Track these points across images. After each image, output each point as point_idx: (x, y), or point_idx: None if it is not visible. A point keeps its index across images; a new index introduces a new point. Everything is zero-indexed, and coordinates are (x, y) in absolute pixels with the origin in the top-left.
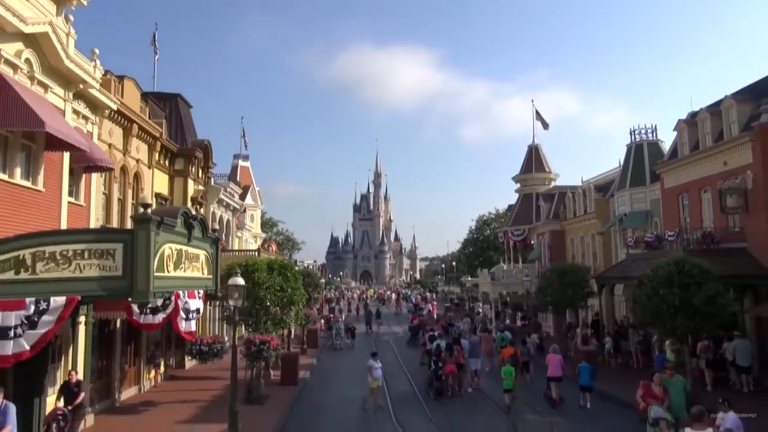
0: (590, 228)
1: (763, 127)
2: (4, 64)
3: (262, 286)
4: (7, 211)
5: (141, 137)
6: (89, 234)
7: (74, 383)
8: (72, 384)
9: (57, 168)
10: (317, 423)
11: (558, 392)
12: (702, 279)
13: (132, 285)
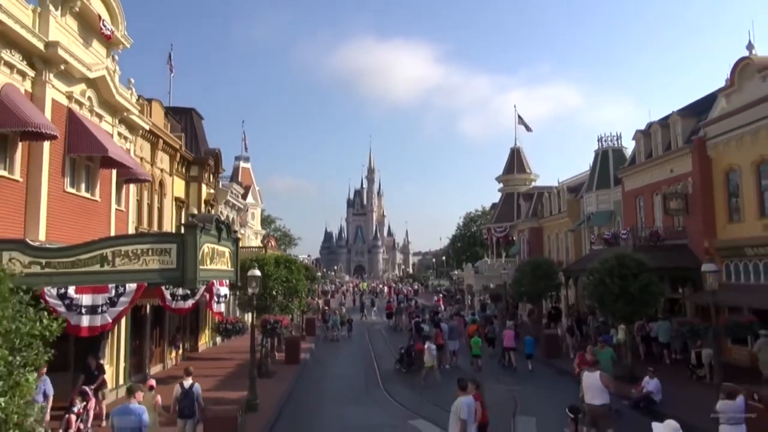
0: (563, 226)
1: (701, 140)
2: (74, 103)
3: (271, 278)
4: (77, 217)
5: (165, 150)
6: (152, 237)
7: (94, 367)
8: (92, 368)
9: (108, 182)
10: (319, 392)
11: (510, 358)
12: (638, 271)
13: (183, 275)
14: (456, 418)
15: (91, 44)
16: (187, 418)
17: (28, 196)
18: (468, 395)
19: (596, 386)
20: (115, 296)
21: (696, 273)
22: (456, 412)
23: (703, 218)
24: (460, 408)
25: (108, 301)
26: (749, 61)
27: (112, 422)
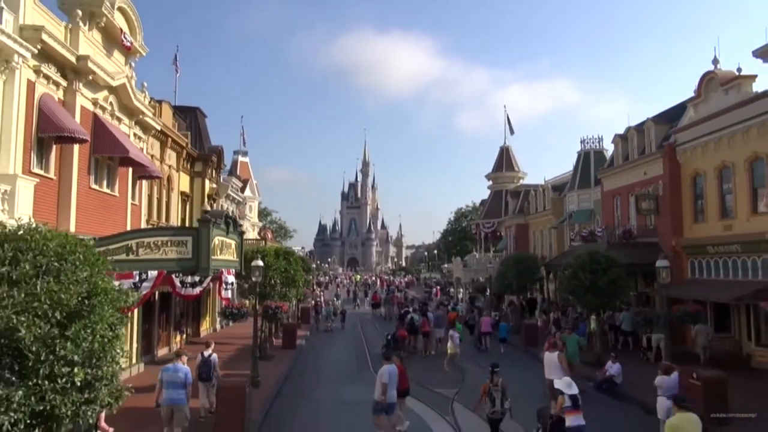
0: (548, 222)
1: (671, 146)
2: (98, 108)
3: (271, 268)
4: (99, 210)
5: (172, 147)
6: (171, 230)
7: None
8: None
9: (125, 178)
10: (314, 373)
11: (486, 342)
12: (608, 266)
13: (198, 264)
14: (379, 383)
15: (112, 54)
16: (206, 381)
17: (60, 193)
18: (392, 364)
19: (554, 364)
20: (139, 282)
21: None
22: (380, 377)
23: (672, 218)
24: (383, 374)
25: (132, 286)
26: (714, 75)
27: (162, 377)
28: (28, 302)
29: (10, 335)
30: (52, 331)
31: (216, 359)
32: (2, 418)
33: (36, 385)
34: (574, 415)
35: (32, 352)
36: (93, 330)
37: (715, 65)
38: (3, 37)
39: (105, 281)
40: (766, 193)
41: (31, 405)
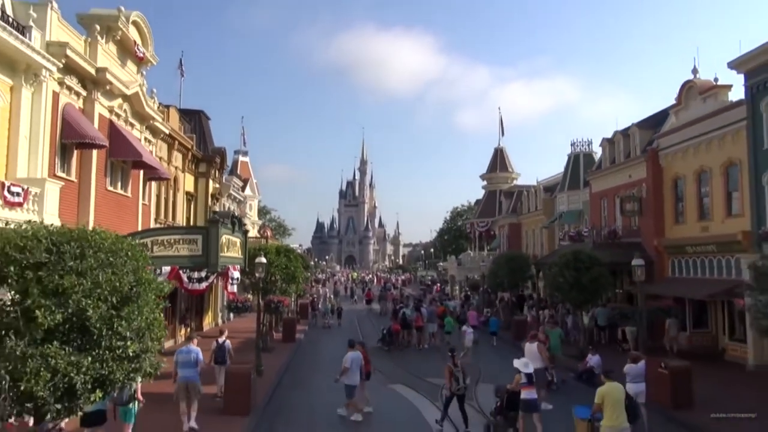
0: (539, 222)
1: (654, 150)
2: (113, 115)
3: (272, 265)
4: (114, 210)
5: (179, 149)
6: (182, 229)
7: None
8: None
9: (137, 180)
10: (313, 363)
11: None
12: (591, 265)
13: (207, 260)
14: (342, 366)
15: (126, 64)
16: (220, 364)
17: (80, 194)
18: (356, 351)
19: (534, 354)
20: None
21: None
22: (344, 362)
23: (654, 220)
24: (346, 359)
25: None
26: (693, 84)
27: (177, 358)
28: (92, 289)
29: (80, 315)
30: (110, 312)
31: (229, 345)
32: (76, 378)
33: (98, 355)
34: (528, 390)
35: (96, 329)
36: (140, 312)
37: (695, 74)
38: (32, 53)
39: (147, 273)
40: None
41: (96, 369)
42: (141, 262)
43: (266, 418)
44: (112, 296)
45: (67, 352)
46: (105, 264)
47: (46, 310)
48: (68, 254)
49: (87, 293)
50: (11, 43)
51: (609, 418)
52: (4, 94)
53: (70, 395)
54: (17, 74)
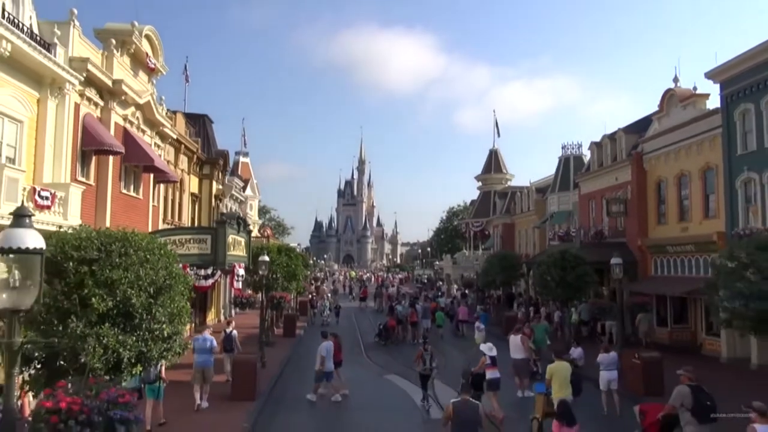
0: (531, 222)
1: (638, 154)
2: (127, 122)
3: (274, 263)
4: (127, 211)
5: (185, 153)
6: (193, 229)
7: None
8: None
9: (147, 183)
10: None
11: (462, 329)
12: (575, 264)
13: (216, 258)
14: (319, 356)
15: (138, 74)
16: (228, 352)
17: (98, 197)
18: (329, 342)
19: (517, 345)
20: None
21: (632, 266)
22: (319, 352)
23: (638, 220)
24: (321, 349)
25: None
26: (674, 92)
27: (194, 345)
28: (135, 281)
29: (125, 302)
30: (149, 300)
31: (236, 334)
32: (123, 353)
33: (140, 335)
34: (492, 370)
35: (138, 314)
36: (172, 300)
37: (676, 83)
38: (57, 68)
39: (176, 268)
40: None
41: (138, 347)
42: (171, 258)
43: (270, 404)
44: (150, 287)
45: (116, 333)
46: (143, 260)
47: (99, 298)
48: (114, 252)
49: (131, 284)
50: (39, 60)
51: (557, 390)
52: (32, 106)
53: (117, 368)
54: (43, 87)
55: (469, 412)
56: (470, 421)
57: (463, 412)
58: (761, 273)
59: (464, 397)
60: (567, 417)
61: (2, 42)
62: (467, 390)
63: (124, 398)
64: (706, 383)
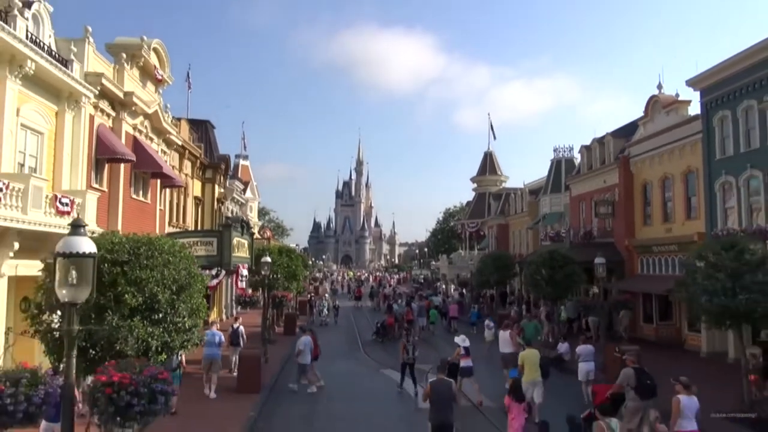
0: (525, 223)
1: (625, 158)
2: (136, 131)
3: (275, 264)
4: (137, 215)
5: (189, 158)
6: (200, 233)
7: None
8: None
9: (155, 188)
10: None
11: (453, 325)
12: (564, 263)
13: (221, 259)
14: (297, 349)
15: (146, 85)
16: (235, 346)
17: (110, 202)
18: (307, 336)
19: (506, 340)
20: None
21: (619, 265)
22: (297, 345)
23: (625, 222)
24: (299, 343)
25: None
26: (657, 99)
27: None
28: (160, 280)
29: (152, 298)
30: (172, 297)
31: (242, 329)
32: (151, 342)
33: (165, 327)
34: (465, 359)
35: (163, 309)
36: (191, 297)
37: (659, 90)
38: (75, 83)
39: (194, 268)
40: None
41: (163, 337)
42: (189, 260)
43: (273, 396)
44: (173, 285)
45: (144, 325)
46: (167, 262)
47: (130, 294)
48: (142, 255)
49: (157, 283)
50: (58, 76)
51: (527, 374)
52: (51, 119)
53: (145, 355)
54: (61, 101)
55: (444, 389)
56: (445, 395)
57: (439, 389)
58: (725, 271)
59: (440, 377)
60: (516, 393)
61: (27, 62)
62: (442, 371)
63: (162, 375)
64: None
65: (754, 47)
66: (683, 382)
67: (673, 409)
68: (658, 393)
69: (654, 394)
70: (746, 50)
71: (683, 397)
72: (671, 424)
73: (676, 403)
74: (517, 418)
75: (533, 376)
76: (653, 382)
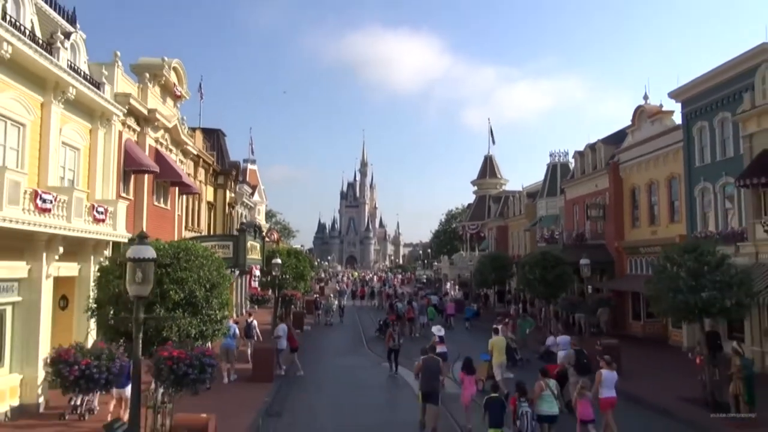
0: (523, 225)
1: (614, 164)
2: (157, 143)
3: (284, 265)
4: (158, 221)
5: (202, 165)
6: (218, 237)
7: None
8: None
9: (173, 195)
10: (320, 348)
11: (450, 321)
12: (555, 264)
13: (237, 261)
14: (275, 336)
15: (166, 101)
16: (249, 338)
17: (135, 209)
18: (284, 324)
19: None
20: None
21: (609, 266)
22: (276, 332)
23: (615, 224)
24: (278, 330)
25: None
26: (643, 109)
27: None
28: (197, 279)
29: (191, 294)
30: (207, 293)
31: (256, 323)
32: (191, 330)
33: (201, 318)
34: (441, 346)
35: (199, 303)
36: (221, 294)
37: (645, 100)
38: (107, 104)
39: (223, 269)
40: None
41: (199, 327)
42: (218, 263)
43: (285, 386)
44: (207, 283)
45: (185, 316)
46: (201, 264)
47: (174, 291)
48: (182, 258)
49: (194, 281)
50: (93, 98)
51: (495, 357)
52: (86, 136)
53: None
54: (95, 120)
55: (433, 364)
56: (434, 369)
57: (428, 364)
58: (687, 272)
59: (430, 355)
60: (467, 367)
61: (69, 88)
62: (432, 351)
63: (208, 352)
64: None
65: (727, 64)
66: (606, 360)
67: (596, 380)
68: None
69: (589, 371)
70: (721, 66)
71: (605, 372)
72: (594, 391)
73: (599, 376)
74: (468, 388)
75: (500, 359)
76: (589, 361)
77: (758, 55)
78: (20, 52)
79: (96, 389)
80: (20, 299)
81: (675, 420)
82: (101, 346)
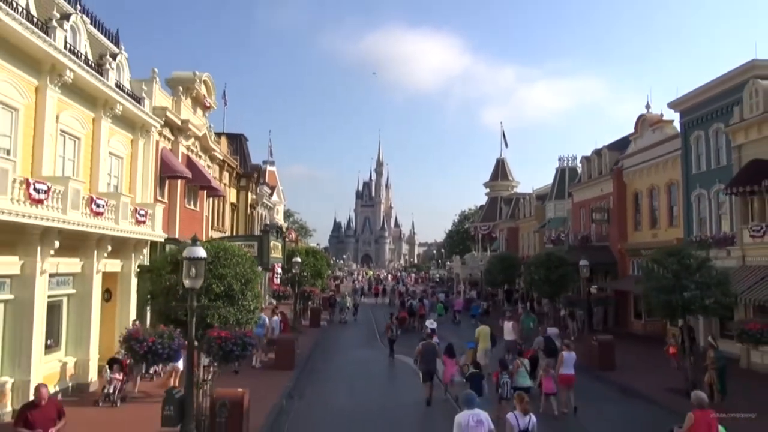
0: (532, 227)
1: (618, 169)
2: (189, 151)
3: (303, 263)
4: (189, 222)
5: (227, 169)
6: (243, 237)
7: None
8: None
9: (202, 198)
10: (336, 342)
11: (457, 317)
12: (559, 264)
13: (262, 259)
14: (269, 327)
15: (196, 111)
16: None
17: (169, 212)
18: (277, 317)
19: (509, 330)
20: None
21: (613, 267)
22: (270, 323)
23: (618, 227)
24: (272, 321)
25: None
26: (645, 117)
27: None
28: (234, 275)
29: (229, 288)
30: (243, 287)
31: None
32: (230, 318)
33: (237, 308)
34: (434, 337)
35: (237, 295)
36: (253, 287)
37: (648, 109)
38: (146, 117)
39: (255, 267)
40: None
41: (237, 315)
42: (251, 261)
43: (305, 374)
44: (242, 278)
45: (225, 306)
46: (237, 262)
47: (216, 285)
48: (222, 257)
49: (232, 277)
50: (136, 112)
51: (481, 343)
52: (128, 146)
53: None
54: (136, 131)
55: (430, 348)
56: (431, 353)
57: (427, 349)
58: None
59: (428, 341)
60: (449, 351)
61: (117, 105)
62: (430, 337)
63: (248, 333)
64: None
65: (720, 78)
66: (566, 344)
67: (558, 360)
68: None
69: (555, 354)
70: (715, 79)
71: (565, 353)
72: (557, 369)
73: (561, 357)
74: (449, 369)
75: (485, 346)
76: (555, 345)
77: (747, 71)
78: (79, 77)
79: (159, 362)
80: (74, 292)
81: (658, 407)
82: (162, 328)
